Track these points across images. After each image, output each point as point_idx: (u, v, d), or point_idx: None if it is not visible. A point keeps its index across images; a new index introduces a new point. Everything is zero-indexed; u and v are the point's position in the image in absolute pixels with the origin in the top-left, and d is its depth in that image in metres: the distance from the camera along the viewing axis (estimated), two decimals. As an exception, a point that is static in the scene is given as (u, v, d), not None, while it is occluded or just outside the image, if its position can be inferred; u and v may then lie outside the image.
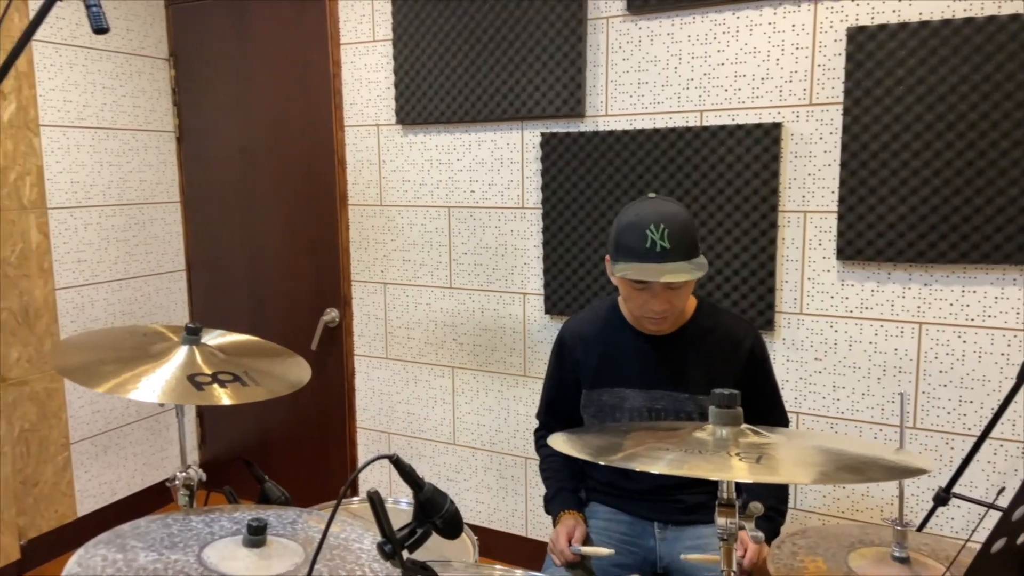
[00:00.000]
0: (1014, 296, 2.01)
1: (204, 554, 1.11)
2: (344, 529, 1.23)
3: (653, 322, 1.65)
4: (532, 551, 2.77)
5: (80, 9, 2.89)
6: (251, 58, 3.10)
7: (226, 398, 1.40)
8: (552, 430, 1.74)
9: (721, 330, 1.72)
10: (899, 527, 1.16)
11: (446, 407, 2.89)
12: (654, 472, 0.93)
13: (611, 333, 1.77)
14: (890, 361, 2.17)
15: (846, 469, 0.92)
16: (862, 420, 2.22)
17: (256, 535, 1.12)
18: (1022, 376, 1.73)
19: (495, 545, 2.84)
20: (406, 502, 1.83)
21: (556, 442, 1.18)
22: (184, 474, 1.52)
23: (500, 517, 2.85)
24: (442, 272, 2.83)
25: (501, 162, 2.65)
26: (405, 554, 0.99)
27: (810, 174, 2.21)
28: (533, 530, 2.80)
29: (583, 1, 2.41)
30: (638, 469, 0.94)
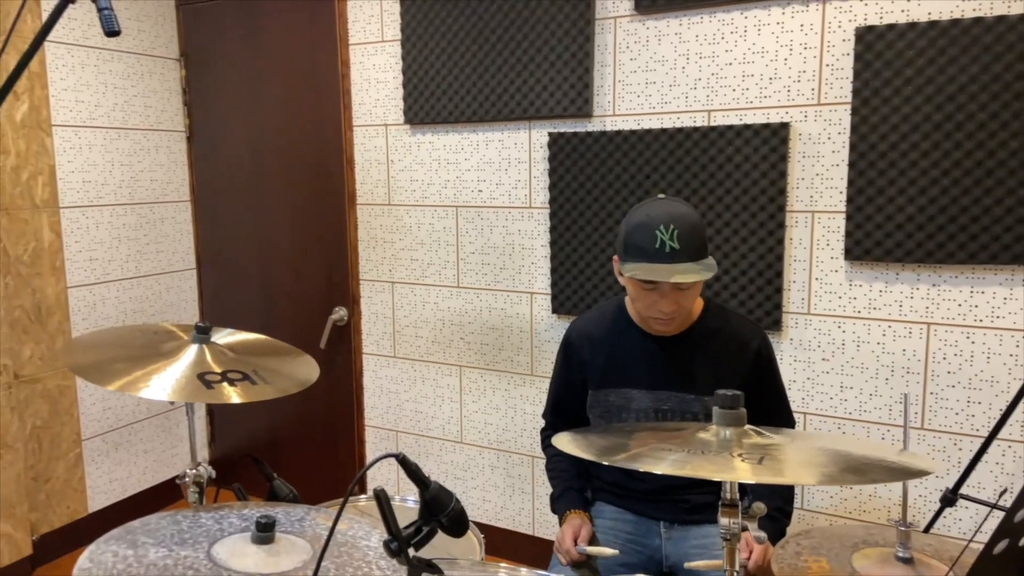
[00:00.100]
0: (1023, 297, 2.00)
1: (213, 550, 1.12)
2: (351, 527, 1.24)
3: (661, 323, 1.65)
4: (539, 550, 2.78)
5: (92, 10, 2.92)
6: (261, 58, 3.12)
7: (235, 396, 1.42)
8: (558, 430, 1.74)
9: (728, 331, 1.72)
10: (903, 528, 1.16)
11: (453, 406, 2.91)
12: (657, 472, 0.93)
13: (618, 334, 1.77)
14: (898, 362, 2.16)
15: (849, 470, 0.92)
16: (870, 421, 2.22)
17: (265, 532, 1.14)
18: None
19: (502, 544, 2.85)
20: (413, 500, 1.84)
21: (561, 442, 1.19)
22: (194, 471, 1.54)
23: (507, 516, 2.86)
24: (450, 271, 2.84)
25: (509, 162, 2.66)
26: (411, 552, 1.00)
27: (818, 174, 2.20)
28: (540, 529, 2.81)
29: (591, 1, 2.41)
30: (642, 469, 0.95)
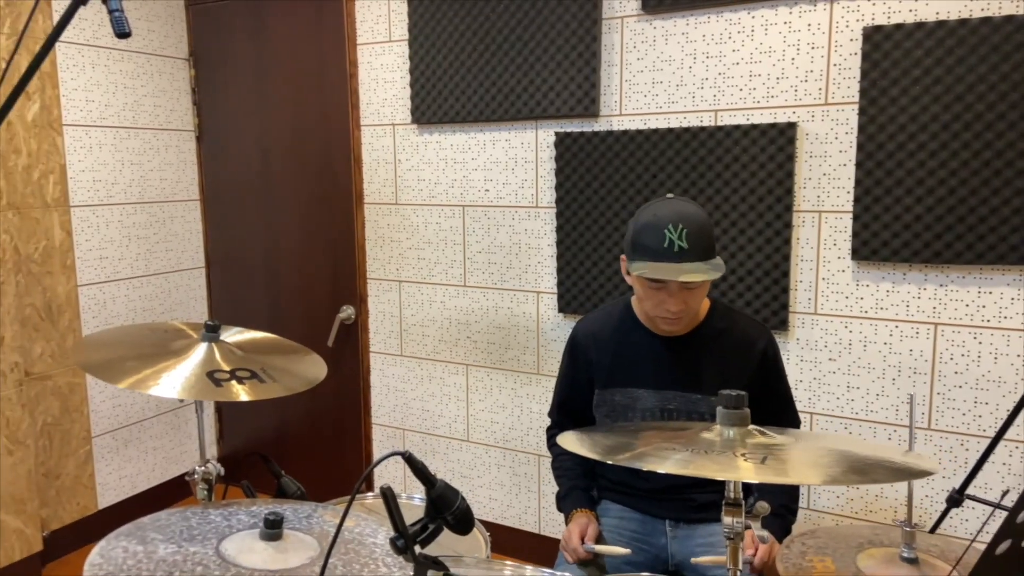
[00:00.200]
0: (1031, 297, 2.00)
1: (222, 547, 1.13)
2: (358, 524, 1.25)
3: (668, 322, 1.66)
4: (544, 548, 2.79)
5: (102, 10, 2.94)
6: (269, 58, 3.14)
7: (244, 394, 1.43)
8: (564, 428, 1.75)
9: (735, 331, 1.72)
10: (907, 528, 1.16)
11: (460, 404, 2.92)
12: (661, 472, 0.94)
13: (624, 333, 1.77)
14: (905, 362, 2.16)
15: (852, 470, 0.92)
16: (876, 421, 2.22)
17: (273, 529, 1.15)
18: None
19: (508, 542, 2.86)
20: (419, 498, 1.85)
21: (566, 441, 1.19)
22: (203, 468, 1.55)
23: (513, 514, 2.87)
24: (456, 270, 2.85)
25: (515, 161, 2.67)
26: (417, 549, 1.01)
27: (825, 174, 2.20)
28: (546, 527, 2.81)
29: (598, 1, 2.42)
30: (646, 468, 0.95)
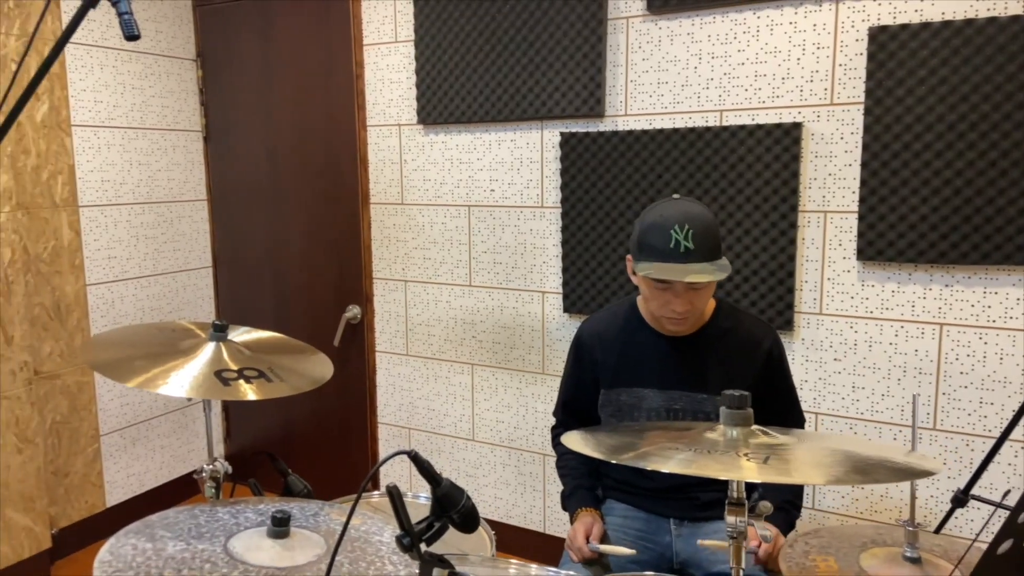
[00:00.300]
0: (1037, 298, 2.00)
1: (230, 544, 1.15)
2: (364, 522, 1.26)
3: (673, 322, 1.66)
4: (550, 547, 2.80)
5: (110, 11, 2.96)
6: (276, 59, 3.15)
7: (252, 393, 1.44)
8: (569, 428, 1.76)
9: (740, 331, 1.72)
10: (911, 528, 1.17)
11: (465, 404, 2.93)
12: (664, 471, 0.94)
13: (630, 333, 1.78)
14: (910, 362, 2.16)
15: (853, 470, 0.93)
16: (881, 421, 2.22)
17: (280, 526, 1.16)
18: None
19: (513, 541, 2.87)
20: (425, 497, 1.86)
21: (570, 441, 1.20)
22: (211, 467, 1.57)
23: (518, 513, 2.88)
24: (462, 270, 2.86)
25: (521, 161, 2.67)
26: (423, 547, 1.02)
27: (830, 174, 2.20)
28: (551, 526, 2.82)
29: (603, 1, 2.42)
30: (649, 468, 0.96)
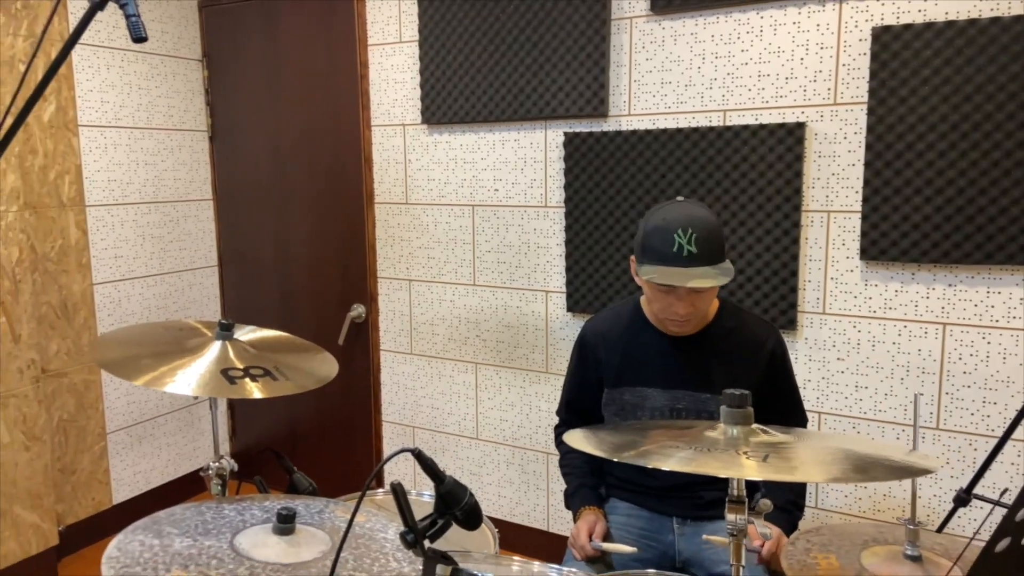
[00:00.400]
0: (1040, 297, 2.00)
1: (236, 541, 1.16)
2: (369, 519, 1.28)
3: (676, 324, 1.67)
4: (553, 545, 2.81)
5: (117, 12, 2.98)
6: (281, 59, 3.17)
7: (257, 392, 1.46)
8: (572, 427, 1.76)
9: (743, 331, 1.73)
10: (911, 526, 1.17)
11: (469, 402, 2.94)
12: (665, 469, 0.95)
13: (634, 333, 1.79)
14: (913, 362, 2.16)
15: (852, 468, 0.93)
16: (884, 420, 2.22)
17: (285, 523, 1.18)
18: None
19: (516, 539, 2.88)
20: (428, 495, 1.87)
21: (572, 439, 1.21)
22: (217, 464, 1.58)
23: (522, 511, 2.89)
24: (466, 269, 2.87)
25: (524, 161, 2.68)
26: (427, 543, 1.03)
27: (834, 174, 2.20)
28: (554, 525, 2.83)
29: (607, 1, 2.43)
30: (650, 466, 0.97)
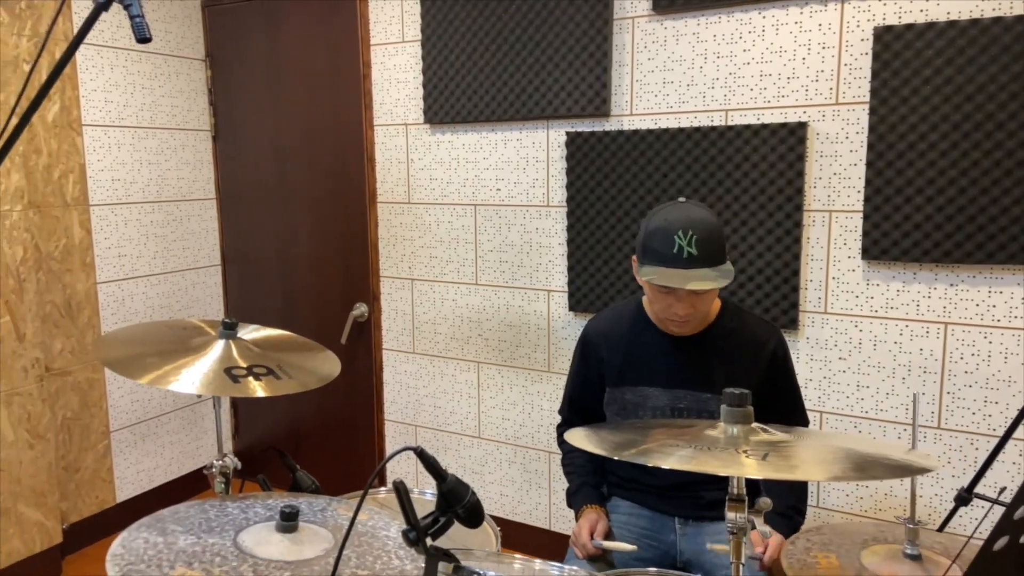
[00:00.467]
0: (1042, 297, 2.00)
1: (239, 538, 1.17)
2: (371, 517, 1.28)
3: (676, 324, 1.68)
4: (555, 544, 2.81)
5: (120, 12, 2.99)
6: (284, 59, 3.17)
7: (261, 390, 1.47)
8: (574, 426, 1.76)
9: (745, 331, 1.73)
10: (911, 525, 1.18)
11: (471, 401, 2.94)
12: (665, 467, 0.96)
13: (636, 332, 1.79)
14: (915, 361, 2.17)
15: (851, 467, 0.94)
16: (886, 420, 2.22)
17: (288, 521, 1.18)
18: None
19: (518, 537, 2.88)
20: (431, 493, 1.88)
21: (573, 437, 1.22)
22: (220, 462, 1.59)
23: (524, 510, 2.89)
24: (468, 269, 2.87)
25: (527, 161, 2.69)
26: (429, 541, 1.03)
27: (836, 173, 2.21)
28: (556, 523, 2.84)
29: (609, 1, 2.43)
30: (650, 464, 0.98)
